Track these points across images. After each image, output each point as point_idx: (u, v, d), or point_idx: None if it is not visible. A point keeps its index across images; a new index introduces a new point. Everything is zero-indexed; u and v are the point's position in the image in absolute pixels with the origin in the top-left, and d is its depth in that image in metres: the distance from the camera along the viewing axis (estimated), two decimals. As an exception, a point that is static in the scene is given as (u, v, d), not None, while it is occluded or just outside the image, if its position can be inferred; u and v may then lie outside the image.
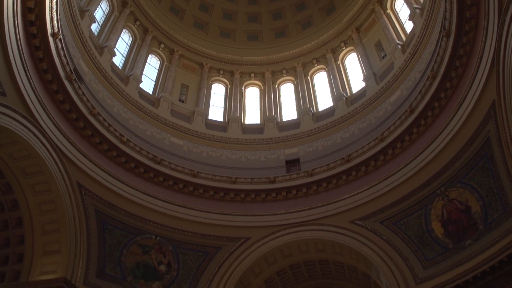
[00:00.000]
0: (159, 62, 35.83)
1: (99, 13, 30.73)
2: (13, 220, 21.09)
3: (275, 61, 37.86)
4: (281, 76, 37.61)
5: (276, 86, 37.27)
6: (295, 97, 35.78)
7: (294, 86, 36.73)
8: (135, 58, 33.02)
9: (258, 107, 36.28)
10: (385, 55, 31.45)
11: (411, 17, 28.37)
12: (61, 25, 21.89)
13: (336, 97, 32.60)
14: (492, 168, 19.25)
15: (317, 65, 36.89)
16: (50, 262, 20.79)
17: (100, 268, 22.29)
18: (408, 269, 22.08)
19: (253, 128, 33.75)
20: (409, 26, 29.70)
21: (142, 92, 31.42)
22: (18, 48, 18.94)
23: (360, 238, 23.93)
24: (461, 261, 20.14)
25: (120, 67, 31.27)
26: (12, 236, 21.08)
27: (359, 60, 33.85)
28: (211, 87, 36.78)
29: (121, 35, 32.58)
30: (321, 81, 36.39)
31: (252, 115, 35.82)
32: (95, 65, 27.35)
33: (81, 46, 26.27)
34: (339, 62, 35.72)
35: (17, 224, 21.14)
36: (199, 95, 34.64)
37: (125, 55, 32.99)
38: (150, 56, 35.04)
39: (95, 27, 29.62)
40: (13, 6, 18.30)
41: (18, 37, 18.88)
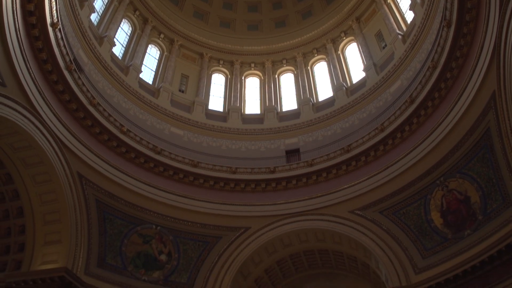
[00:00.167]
0: (159, 52, 35.69)
1: (99, 3, 30.53)
2: (14, 210, 21.21)
3: (275, 51, 37.71)
4: (281, 66, 37.50)
5: (276, 76, 37.19)
6: (295, 87, 35.72)
7: (294, 76, 36.64)
8: (135, 48, 32.90)
9: (258, 97, 36.24)
10: (386, 45, 31.33)
11: (411, 7, 28.30)
12: (60, 15, 21.78)
13: (336, 87, 32.54)
14: (491, 159, 19.27)
15: (317, 55, 36.75)
16: (51, 252, 20.94)
17: (101, 257, 22.45)
18: (407, 258, 22.25)
19: (253, 118, 33.76)
20: (409, 16, 29.61)
21: (142, 82, 31.36)
22: (18, 38, 18.88)
23: (360, 228, 24.05)
24: (460, 251, 20.29)
25: (120, 57, 31.18)
26: (13, 226, 21.22)
27: (359, 50, 33.73)
28: (211, 77, 36.69)
29: (120, 25, 32.43)
30: (321, 71, 36.31)
31: (252, 105, 35.81)
32: (94, 55, 27.26)
33: (80, 36, 26.16)
34: (339, 52, 35.59)
35: (18, 214, 21.26)
36: (199, 85, 34.58)
37: (125, 45, 32.89)
38: (150, 46, 34.90)
39: (94, 17, 29.47)
40: (12, -5, 18.21)
41: (18, 27, 18.81)
